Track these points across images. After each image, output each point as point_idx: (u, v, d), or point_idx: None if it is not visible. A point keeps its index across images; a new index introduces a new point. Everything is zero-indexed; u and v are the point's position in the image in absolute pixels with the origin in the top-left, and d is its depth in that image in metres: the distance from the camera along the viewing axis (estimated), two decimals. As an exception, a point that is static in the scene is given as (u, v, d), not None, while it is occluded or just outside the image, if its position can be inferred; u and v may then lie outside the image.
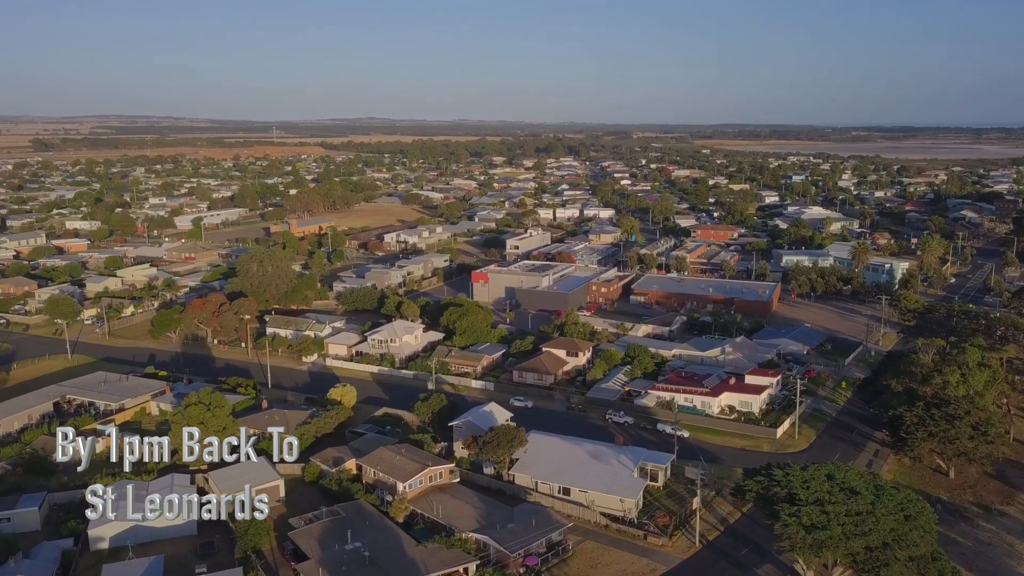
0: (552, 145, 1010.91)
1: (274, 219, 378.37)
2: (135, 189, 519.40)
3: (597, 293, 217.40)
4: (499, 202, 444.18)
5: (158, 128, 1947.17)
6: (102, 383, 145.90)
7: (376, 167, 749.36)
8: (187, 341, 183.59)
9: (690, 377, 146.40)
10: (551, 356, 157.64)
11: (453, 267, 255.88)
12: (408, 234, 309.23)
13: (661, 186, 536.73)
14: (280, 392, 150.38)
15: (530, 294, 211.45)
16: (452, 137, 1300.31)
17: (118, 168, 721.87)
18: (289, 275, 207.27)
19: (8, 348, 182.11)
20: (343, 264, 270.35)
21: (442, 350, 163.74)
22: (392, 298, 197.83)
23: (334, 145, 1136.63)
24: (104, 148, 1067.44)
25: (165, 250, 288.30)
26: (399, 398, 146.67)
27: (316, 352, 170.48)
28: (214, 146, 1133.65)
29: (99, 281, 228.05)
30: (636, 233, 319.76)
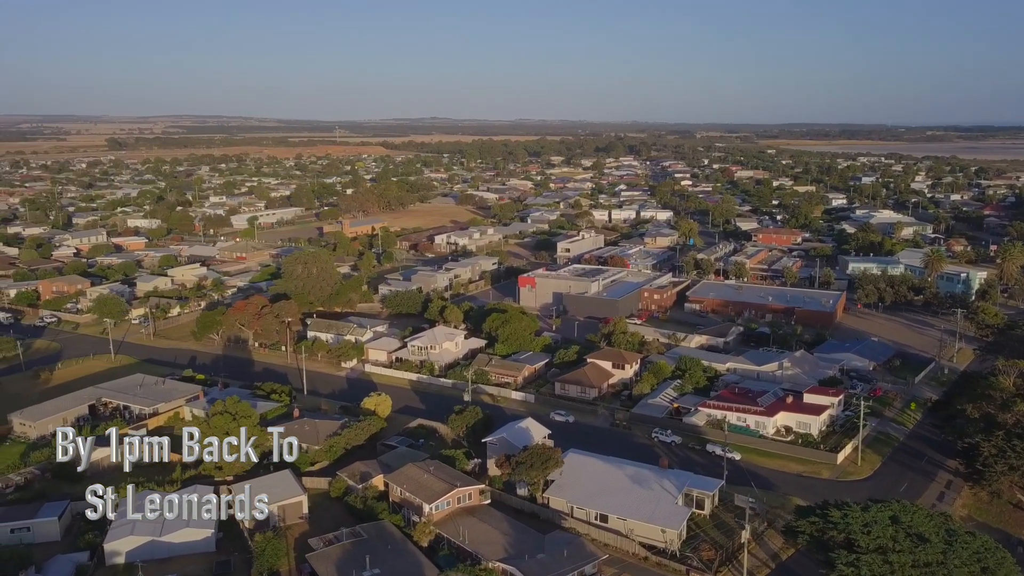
0: (612, 144, 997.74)
1: (329, 219, 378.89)
2: (197, 188, 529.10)
3: (649, 300, 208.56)
4: (554, 203, 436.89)
5: (228, 128, 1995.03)
6: (138, 386, 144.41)
7: (434, 167, 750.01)
8: (229, 343, 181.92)
9: (744, 394, 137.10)
10: (596, 368, 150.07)
11: (501, 270, 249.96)
12: (459, 236, 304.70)
13: (723, 187, 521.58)
14: (315, 399, 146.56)
15: (578, 300, 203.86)
16: (512, 137, 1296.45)
17: (184, 167, 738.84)
18: (334, 277, 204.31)
19: (56, 347, 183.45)
20: (392, 266, 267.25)
21: (482, 358, 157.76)
22: (436, 302, 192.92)
23: (395, 145, 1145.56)
24: (174, 147, 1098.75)
25: (218, 249, 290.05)
26: (436, 408, 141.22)
27: (356, 357, 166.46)
28: (279, 145, 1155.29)
29: (149, 280, 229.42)
30: (694, 236, 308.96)
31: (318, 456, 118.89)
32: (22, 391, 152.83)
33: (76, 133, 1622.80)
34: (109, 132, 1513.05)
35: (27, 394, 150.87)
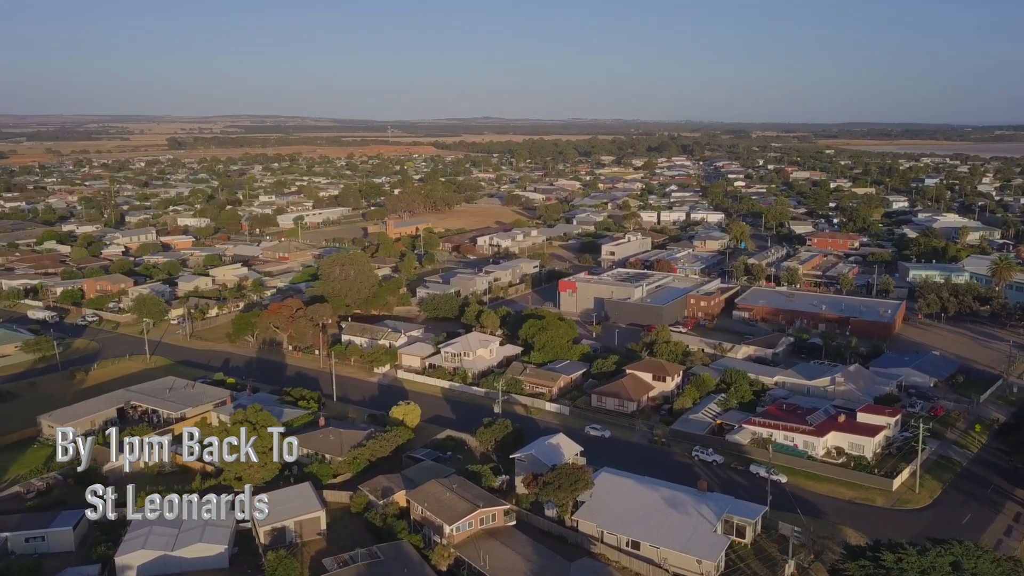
0: (664, 144, 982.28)
1: (374, 219, 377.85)
2: (248, 187, 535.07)
3: (695, 307, 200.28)
4: (601, 203, 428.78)
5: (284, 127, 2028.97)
6: (167, 390, 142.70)
7: (483, 167, 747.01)
8: (264, 346, 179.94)
9: (792, 411, 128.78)
10: (635, 380, 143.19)
11: (543, 273, 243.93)
12: (501, 237, 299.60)
13: (777, 189, 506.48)
14: (344, 407, 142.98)
15: (620, 306, 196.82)
16: (563, 136, 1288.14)
17: (238, 166, 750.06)
18: (371, 279, 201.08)
19: (95, 347, 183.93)
20: (433, 267, 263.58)
21: (517, 367, 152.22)
22: (472, 306, 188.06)
23: (446, 145, 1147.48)
24: (230, 146, 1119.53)
25: (261, 249, 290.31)
26: (467, 418, 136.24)
27: (388, 363, 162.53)
28: (332, 145, 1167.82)
29: (191, 280, 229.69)
30: (746, 240, 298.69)
31: (341, 468, 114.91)
32: (56, 391, 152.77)
33: (139, 133, 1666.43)
34: (170, 132, 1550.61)
35: (61, 394, 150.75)
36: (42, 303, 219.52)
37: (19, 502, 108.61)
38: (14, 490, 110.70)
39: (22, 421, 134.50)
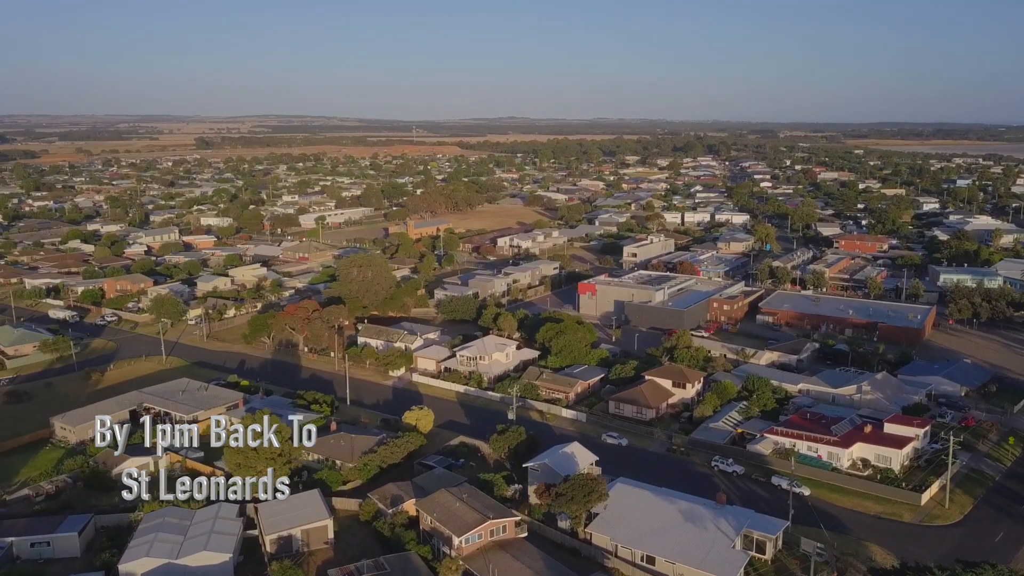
0: (690, 144, 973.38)
1: (396, 219, 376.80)
2: (272, 186, 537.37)
3: (718, 311, 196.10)
4: (624, 204, 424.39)
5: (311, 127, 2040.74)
6: (180, 392, 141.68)
7: (506, 167, 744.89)
8: (280, 348, 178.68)
9: (817, 420, 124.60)
10: (654, 386, 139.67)
11: (563, 275, 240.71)
12: (521, 238, 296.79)
13: (804, 189, 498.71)
14: (357, 411, 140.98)
15: (641, 310, 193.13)
16: (588, 136, 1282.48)
17: (263, 166, 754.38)
18: (389, 281, 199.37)
19: (112, 347, 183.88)
20: (452, 268, 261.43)
21: (533, 371, 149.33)
22: (490, 309, 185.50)
23: (470, 145, 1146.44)
24: (257, 146, 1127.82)
25: (281, 249, 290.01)
26: (481, 424, 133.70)
27: (404, 366, 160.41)
28: (357, 145, 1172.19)
29: (209, 280, 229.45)
30: (771, 242, 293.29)
31: (351, 475, 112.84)
32: (72, 392, 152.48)
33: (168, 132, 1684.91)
34: (199, 132, 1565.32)
35: (76, 395, 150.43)
36: (63, 302, 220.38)
37: (28, 505, 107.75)
38: (23, 493, 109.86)
39: (36, 422, 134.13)
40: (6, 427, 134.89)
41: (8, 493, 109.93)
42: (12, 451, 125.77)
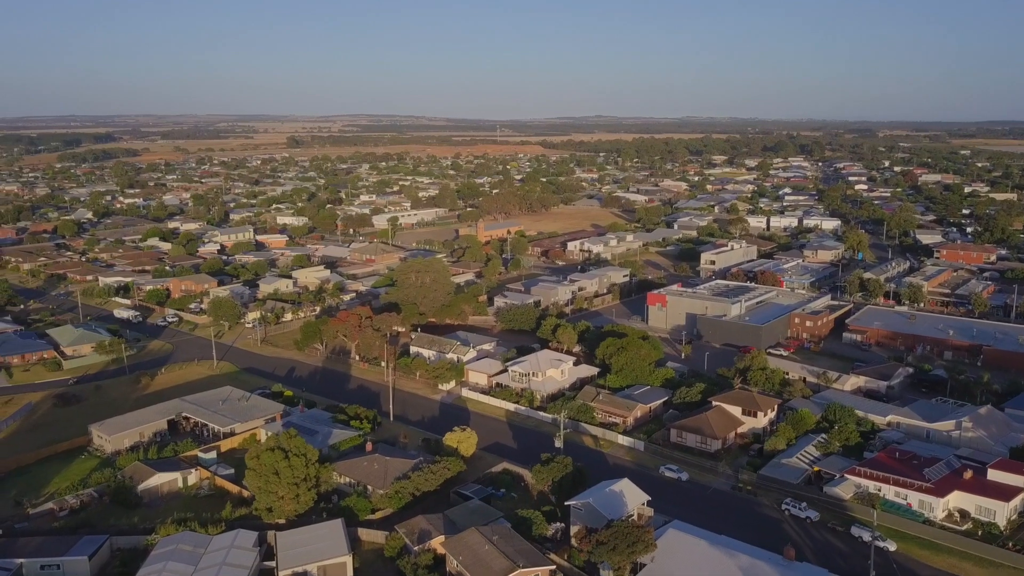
0: (782, 144, 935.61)
1: (468, 220, 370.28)
2: (352, 185, 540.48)
3: (800, 327, 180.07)
4: (707, 206, 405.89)
5: (399, 126, 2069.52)
6: (221, 402, 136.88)
7: (587, 166, 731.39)
8: (332, 355, 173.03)
9: (907, 460, 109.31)
10: (721, 414, 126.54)
11: (633, 283, 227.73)
12: (593, 242, 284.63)
13: (903, 193, 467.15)
14: (400, 428, 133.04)
15: (714, 324, 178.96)
16: (675, 135, 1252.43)
17: (347, 164, 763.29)
18: (447, 287, 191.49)
19: (169, 349, 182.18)
20: (519, 273, 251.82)
21: (589, 391, 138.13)
22: (549, 320, 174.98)
23: (553, 144, 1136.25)
24: (345, 145, 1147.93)
25: (349, 251, 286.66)
26: (529, 448, 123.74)
27: (454, 379, 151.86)
28: (441, 144, 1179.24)
29: (271, 282, 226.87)
30: (864, 250, 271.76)
31: (381, 503, 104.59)
32: (120, 396, 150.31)
33: (263, 131, 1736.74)
34: (292, 131, 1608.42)
35: (123, 400, 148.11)
36: (130, 302, 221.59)
37: (50, 520, 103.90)
38: (48, 506, 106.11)
39: (78, 428, 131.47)
40: (49, 432, 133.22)
41: (33, 506, 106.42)
42: (50, 458, 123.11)
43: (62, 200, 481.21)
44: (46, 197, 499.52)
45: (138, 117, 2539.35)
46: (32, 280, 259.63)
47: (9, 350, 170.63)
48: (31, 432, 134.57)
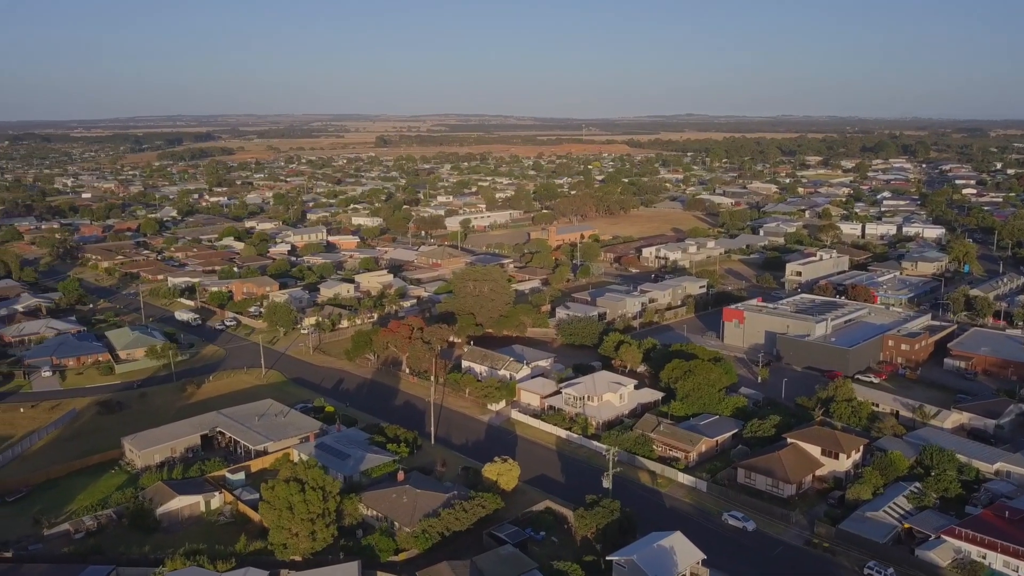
0: (882, 143, 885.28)
1: (542, 223, 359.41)
2: (430, 186, 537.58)
3: (894, 350, 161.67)
4: (797, 211, 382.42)
5: (486, 126, 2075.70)
6: (258, 417, 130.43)
7: (673, 167, 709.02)
8: (383, 367, 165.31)
9: (1020, 521, 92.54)
10: (797, 453, 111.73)
11: (710, 295, 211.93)
12: (670, 248, 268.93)
13: (1017, 198, 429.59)
14: (441, 452, 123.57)
15: (796, 345, 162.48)
16: (768, 134, 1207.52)
17: (430, 164, 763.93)
18: (505, 297, 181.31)
19: (222, 355, 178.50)
20: (588, 281, 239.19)
21: (649, 420, 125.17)
22: (613, 335, 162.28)
23: (640, 143, 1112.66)
24: (432, 145, 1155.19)
25: (417, 254, 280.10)
26: (579, 482, 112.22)
27: (504, 399, 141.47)
28: (526, 144, 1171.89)
29: (332, 286, 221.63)
30: (971, 262, 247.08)
31: (406, 542, 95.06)
32: (163, 405, 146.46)
33: (354, 131, 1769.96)
34: (382, 130, 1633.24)
35: (166, 409, 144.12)
36: (193, 303, 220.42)
37: (66, 541, 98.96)
38: (64, 527, 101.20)
39: (116, 438, 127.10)
40: (87, 442, 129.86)
41: (49, 526, 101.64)
42: (81, 471, 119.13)
43: (152, 198, 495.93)
44: (138, 195, 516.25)
45: (239, 116, 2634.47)
46: (107, 278, 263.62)
47: (65, 352, 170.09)
48: (70, 441, 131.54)
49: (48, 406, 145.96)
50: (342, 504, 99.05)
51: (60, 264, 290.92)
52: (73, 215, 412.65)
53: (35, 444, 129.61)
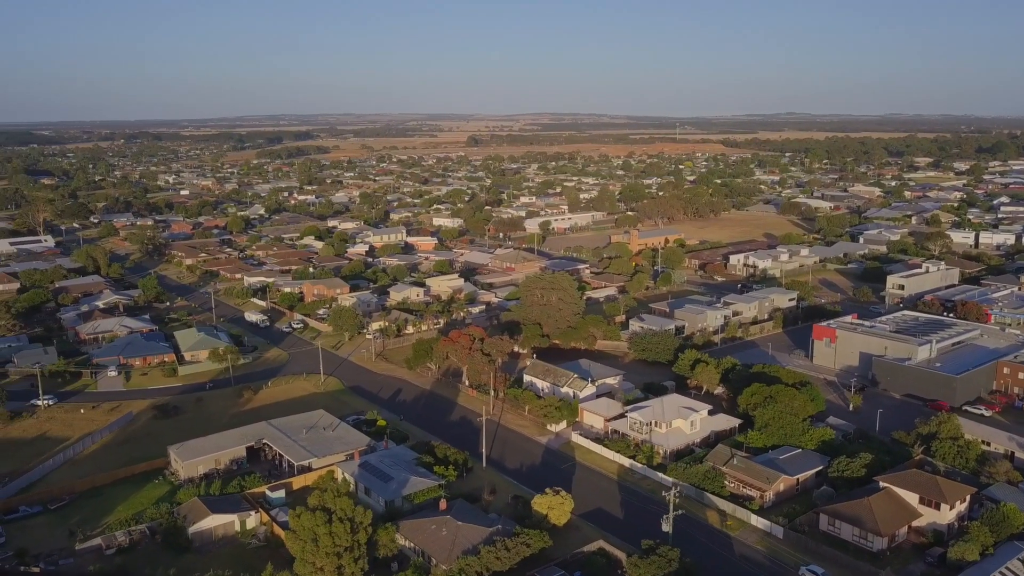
0: (1000, 144, 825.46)
1: (625, 225, 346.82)
2: (514, 186, 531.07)
3: (1011, 379, 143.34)
4: (902, 217, 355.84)
5: (579, 125, 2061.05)
6: (306, 430, 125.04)
7: (769, 167, 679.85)
8: (443, 377, 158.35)
9: None
10: (890, 500, 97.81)
11: (800, 309, 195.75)
12: (760, 256, 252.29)
13: None
14: (492, 476, 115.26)
15: (895, 369, 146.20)
16: (874, 134, 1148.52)
17: (517, 164, 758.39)
18: (575, 307, 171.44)
19: (284, 359, 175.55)
20: (668, 290, 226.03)
21: (722, 452, 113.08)
22: (689, 352, 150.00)
23: (736, 142, 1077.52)
24: (522, 144, 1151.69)
25: (491, 257, 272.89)
26: (638, 520, 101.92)
27: (565, 419, 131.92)
28: (617, 142, 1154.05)
29: (402, 290, 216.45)
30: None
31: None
32: (218, 411, 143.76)
33: (448, 130, 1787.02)
34: (475, 130, 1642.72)
35: (220, 415, 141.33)
36: (265, 303, 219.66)
37: (97, 556, 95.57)
38: (96, 542, 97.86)
39: (165, 445, 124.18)
40: (138, 448, 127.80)
41: (82, 539, 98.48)
42: (126, 479, 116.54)
43: (244, 195, 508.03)
44: (232, 192, 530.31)
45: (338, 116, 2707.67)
46: (188, 276, 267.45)
47: (133, 352, 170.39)
48: (121, 446, 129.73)
49: (108, 408, 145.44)
50: (376, 534, 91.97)
51: (148, 260, 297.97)
52: (168, 212, 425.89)
53: (88, 448, 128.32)
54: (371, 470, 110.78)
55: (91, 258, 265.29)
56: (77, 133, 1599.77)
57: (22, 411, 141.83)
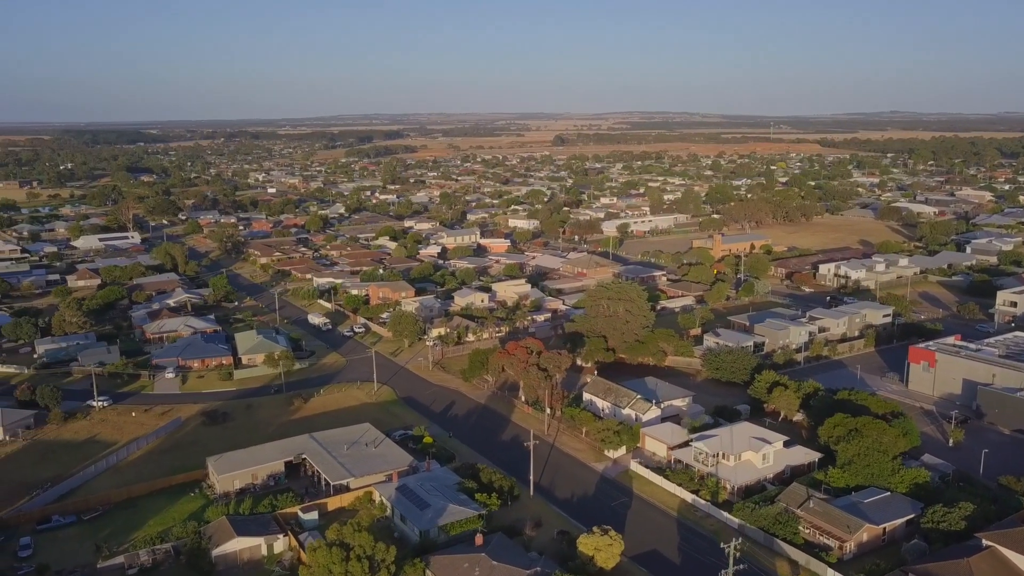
0: None
1: (710, 229, 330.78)
2: (596, 187, 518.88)
3: None
4: (1017, 224, 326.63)
5: (670, 123, 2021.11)
6: (347, 445, 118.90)
7: (868, 169, 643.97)
8: (500, 391, 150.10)
9: None
10: (995, 562, 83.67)
11: (896, 327, 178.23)
12: (853, 266, 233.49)
13: None
14: (539, 506, 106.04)
15: (1004, 400, 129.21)
16: (986, 133, 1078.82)
17: (601, 164, 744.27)
18: (644, 319, 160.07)
19: (342, 364, 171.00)
20: (750, 301, 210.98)
21: (797, 491, 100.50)
22: (767, 374, 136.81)
23: (833, 142, 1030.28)
24: (609, 143, 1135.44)
25: (562, 262, 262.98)
26: (697, 567, 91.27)
27: (625, 445, 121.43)
28: (708, 142, 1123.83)
29: (466, 295, 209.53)
30: None
31: (467, 630, 78.54)
32: (266, 419, 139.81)
33: (535, 129, 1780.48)
34: (562, 129, 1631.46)
35: (268, 423, 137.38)
36: (331, 305, 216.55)
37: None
38: (119, 560, 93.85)
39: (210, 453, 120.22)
40: (182, 456, 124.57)
41: (106, 556, 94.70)
42: (163, 491, 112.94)
43: (328, 194, 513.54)
44: (316, 191, 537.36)
45: (429, 115, 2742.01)
46: (261, 275, 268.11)
47: (192, 353, 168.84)
48: (165, 453, 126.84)
49: (159, 411, 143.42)
50: (403, 572, 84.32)
51: (225, 258, 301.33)
52: (252, 209, 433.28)
53: (132, 454, 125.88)
54: (408, 495, 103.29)
55: (169, 255, 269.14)
56: (182, 132, 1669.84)
57: (77, 412, 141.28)
